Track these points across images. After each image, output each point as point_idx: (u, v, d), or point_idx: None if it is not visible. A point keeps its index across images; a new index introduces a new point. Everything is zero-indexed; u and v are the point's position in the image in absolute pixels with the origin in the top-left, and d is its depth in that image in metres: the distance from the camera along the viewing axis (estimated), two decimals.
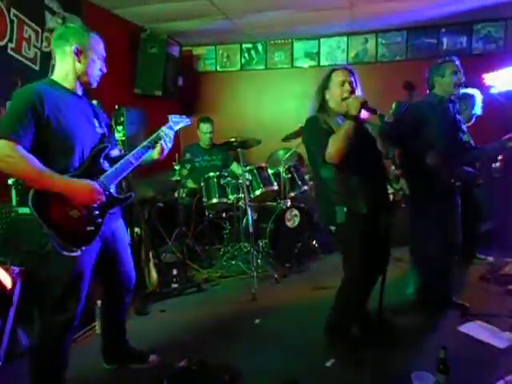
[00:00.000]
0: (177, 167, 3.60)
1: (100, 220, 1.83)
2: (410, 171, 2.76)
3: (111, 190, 1.89)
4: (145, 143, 1.98)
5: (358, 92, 2.24)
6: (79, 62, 1.80)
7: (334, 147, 2.04)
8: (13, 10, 2.93)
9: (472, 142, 2.93)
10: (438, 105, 2.67)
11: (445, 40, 4.76)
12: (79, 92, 1.89)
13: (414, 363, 2.18)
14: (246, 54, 5.43)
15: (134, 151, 1.95)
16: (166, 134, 2.02)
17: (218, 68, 5.53)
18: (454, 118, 2.74)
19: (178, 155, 3.72)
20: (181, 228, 3.74)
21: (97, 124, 1.93)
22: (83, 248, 1.75)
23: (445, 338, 2.39)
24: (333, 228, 2.26)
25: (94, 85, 1.92)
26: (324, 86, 2.26)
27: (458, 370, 1.93)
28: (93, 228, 1.80)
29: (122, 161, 1.91)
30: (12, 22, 2.94)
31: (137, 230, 3.24)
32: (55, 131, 1.71)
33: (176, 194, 3.84)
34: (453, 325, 2.61)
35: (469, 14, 4.35)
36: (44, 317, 1.85)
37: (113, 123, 3.36)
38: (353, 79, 2.24)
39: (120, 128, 3.41)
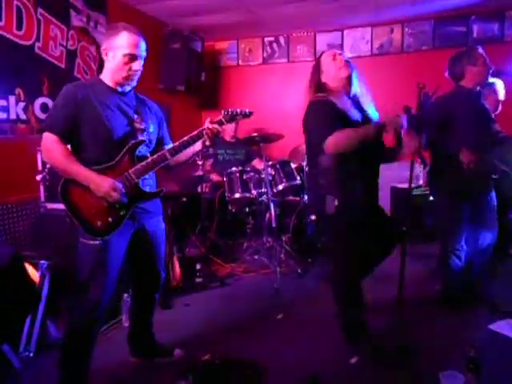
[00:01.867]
0: (200, 162, 3.62)
1: (123, 212, 1.85)
2: (440, 166, 2.67)
3: (139, 184, 1.90)
4: (185, 139, 1.95)
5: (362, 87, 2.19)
6: (108, 61, 1.88)
7: (343, 138, 1.97)
8: (39, 10, 2.99)
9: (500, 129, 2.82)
10: (467, 97, 2.57)
11: (475, 28, 4.58)
12: (122, 89, 1.93)
13: (442, 362, 2.12)
14: (268, 48, 5.39)
15: (171, 146, 1.96)
16: (211, 129, 1.94)
17: (240, 62, 5.50)
18: (483, 109, 2.63)
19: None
20: (204, 222, 3.76)
21: (136, 119, 1.95)
22: (105, 238, 1.81)
23: (474, 337, 2.32)
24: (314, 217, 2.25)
25: (130, 83, 1.93)
26: (317, 70, 2.23)
27: (488, 370, 1.86)
28: (112, 219, 1.83)
29: (155, 155, 1.92)
30: (39, 21, 3.00)
31: None
32: (88, 124, 1.82)
33: (199, 189, 3.86)
34: (482, 323, 2.52)
35: (500, 0, 4.17)
36: (70, 306, 1.94)
37: None
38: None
39: None
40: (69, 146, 1.86)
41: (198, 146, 2.01)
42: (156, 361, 2.26)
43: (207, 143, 1.98)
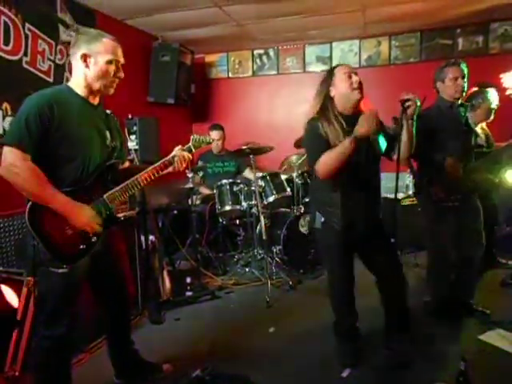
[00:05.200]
0: (190, 175, 3.61)
1: (94, 239, 1.78)
2: (426, 177, 2.70)
3: (113, 209, 1.82)
4: (157, 164, 1.91)
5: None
6: (88, 67, 1.75)
7: (324, 164, 1.97)
8: (27, 25, 3.00)
9: (483, 142, 2.85)
10: (448, 110, 2.61)
11: (460, 40, 4.67)
12: (94, 101, 1.83)
13: (433, 375, 2.11)
14: (258, 60, 5.43)
15: (145, 172, 1.88)
16: (182, 156, 1.93)
17: (230, 74, 5.54)
18: (466, 122, 2.67)
19: (190, 163, 3.72)
20: (194, 235, 3.74)
21: (108, 137, 1.86)
22: (72, 265, 1.72)
23: (464, 348, 2.32)
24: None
25: (110, 91, 1.83)
26: (328, 83, 2.12)
27: (479, 381, 1.86)
28: (85, 246, 1.76)
29: (129, 180, 1.85)
30: (27, 36, 3.00)
31: (151, 237, 3.25)
32: (61, 140, 1.68)
33: (190, 202, 3.85)
34: (473, 333, 2.53)
35: (485, 14, 4.26)
36: (39, 331, 1.83)
37: (126, 133, 3.41)
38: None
39: (133, 137, 3.45)
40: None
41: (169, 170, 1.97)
42: (144, 379, 2.18)
43: (177, 169, 1.94)
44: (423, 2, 3.82)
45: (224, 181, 3.94)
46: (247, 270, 3.79)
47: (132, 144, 3.43)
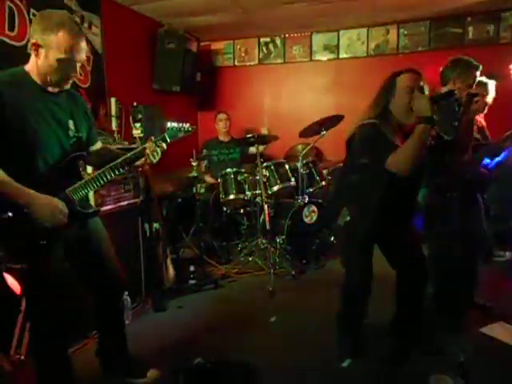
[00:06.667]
0: (194, 163, 3.61)
1: (56, 234, 1.64)
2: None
3: (76, 204, 1.71)
4: (128, 156, 1.80)
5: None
6: (38, 58, 1.58)
7: (403, 156, 1.78)
8: (32, 10, 2.98)
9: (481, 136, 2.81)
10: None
11: (471, 29, 4.58)
12: (51, 88, 1.66)
13: (433, 366, 2.11)
14: (264, 48, 5.38)
15: (113, 164, 1.76)
16: (154, 147, 1.80)
17: (236, 62, 5.49)
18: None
19: (195, 151, 3.72)
20: (198, 224, 3.76)
21: (72, 127, 1.72)
22: (34, 261, 1.62)
23: (466, 340, 2.32)
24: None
25: (65, 87, 1.68)
26: (387, 92, 1.96)
27: (479, 374, 1.87)
28: (45, 242, 1.62)
29: (95, 173, 1.76)
30: (32, 22, 2.98)
31: (155, 225, 3.27)
32: (11, 133, 1.54)
33: (194, 190, 3.86)
34: (475, 326, 2.53)
35: (496, 2, 4.18)
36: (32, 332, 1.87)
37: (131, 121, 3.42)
38: (423, 83, 1.94)
39: (138, 125, 3.45)
40: None
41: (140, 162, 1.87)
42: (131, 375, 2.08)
43: (149, 162, 1.83)
44: None
45: (228, 170, 3.94)
46: (250, 259, 3.80)
47: (137, 132, 3.42)
